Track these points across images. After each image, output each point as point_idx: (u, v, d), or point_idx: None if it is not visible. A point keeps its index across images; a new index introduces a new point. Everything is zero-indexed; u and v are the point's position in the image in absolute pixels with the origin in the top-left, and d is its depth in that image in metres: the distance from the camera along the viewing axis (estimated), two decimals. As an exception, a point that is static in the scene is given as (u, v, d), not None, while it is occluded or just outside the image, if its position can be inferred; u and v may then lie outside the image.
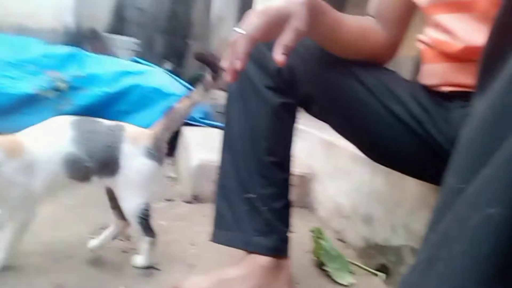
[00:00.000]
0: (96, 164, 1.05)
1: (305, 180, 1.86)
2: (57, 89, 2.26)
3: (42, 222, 1.36)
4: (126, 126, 1.13)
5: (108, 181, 1.10)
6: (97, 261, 1.19)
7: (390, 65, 1.12)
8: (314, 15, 0.86)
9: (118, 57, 3.06)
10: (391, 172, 1.14)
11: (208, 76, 1.23)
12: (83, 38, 3.55)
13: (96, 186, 1.12)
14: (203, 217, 1.57)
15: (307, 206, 1.87)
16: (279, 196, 1.09)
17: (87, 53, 2.68)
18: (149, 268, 1.17)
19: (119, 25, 5.05)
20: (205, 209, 1.63)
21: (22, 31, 3.06)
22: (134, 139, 1.10)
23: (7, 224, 1.04)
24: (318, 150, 1.85)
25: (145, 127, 2.49)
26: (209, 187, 1.67)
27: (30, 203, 1.04)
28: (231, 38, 0.82)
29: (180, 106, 1.20)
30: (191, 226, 1.52)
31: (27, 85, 2.35)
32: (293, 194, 1.80)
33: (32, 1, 3.10)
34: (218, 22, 5.40)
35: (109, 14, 4.54)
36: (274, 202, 1.08)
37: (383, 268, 1.29)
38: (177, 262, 1.23)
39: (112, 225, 1.22)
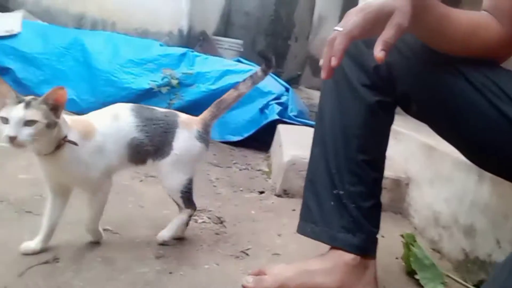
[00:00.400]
0: (153, 148, 1.16)
1: (400, 184, 1.77)
2: (169, 85, 2.53)
3: (149, 201, 1.55)
4: (179, 113, 1.24)
5: (159, 163, 1.19)
6: (193, 239, 1.31)
7: (509, 64, 1.02)
8: (418, 10, 0.83)
9: (223, 57, 3.28)
10: (499, 181, 1.03)
11: (259, 70, 1.30)
12: (195, 40, 3.89)
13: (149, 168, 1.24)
14: (291, 211, 1.61)
15: (401, 212, 1.78)
16: (368, 195, 1.07)
17: (197, 53, 2.92)
18: (241, 252, 1.25)
19: (226, 28, 5.38)
20: (293, 203, 1.67)
21: (144, 34, 3.48)
22: (187, 124, 1.21)
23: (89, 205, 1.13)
24: (416, 153, 1.74)
25: (244, 122, 2.64)
26: (299, 183, 1.71)
27: (108, 179, 1.15)
28: (330, 36, 0.83)
29: (228, 97, 1.30)
30: (279, 217, 1.57)
31: (145, 81, 2.67)
32: (386, 198, 1.75)
33: (153, 8, 3.50)
34: (320, 23, 5.40)
35: (218, 18, 4.88)
36: (362, 201, 1.06)
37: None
38: (263, 250, 1.29)
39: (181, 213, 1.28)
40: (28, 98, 0.97)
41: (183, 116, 1.24)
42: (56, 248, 1.12)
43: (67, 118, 1.06)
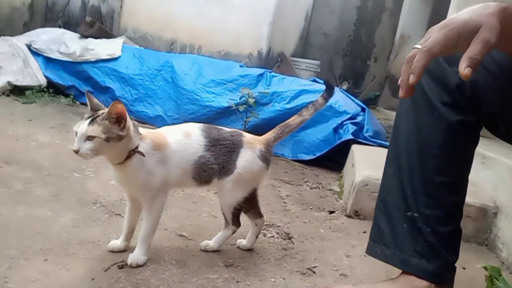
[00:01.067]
0: (218, 166, 1.19)
1: (487, 213, 1.61)
2: (247, 104, 2.64)
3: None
4: (244, 133, 1.27)
5: (222, 181, 1.21)
6: (262, 252, 1.34)
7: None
8: (507, 25, 0.78)
9: (300, 78, 3.34)
10: None
11: (320, 98, 1.33)
12: (273, 61, 4.02)
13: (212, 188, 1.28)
14: (362, 233, 1.56)
15: (487, 243, 1.62)
16: (446, 220, 1.01)
17: (274, 74, 3.02)
18: (308, 269, 1.25)
19: (304, 49, 5.47)
20: (364, 225, 1.62)
21: (226, 56, 3.71)
22: (251, 144, 1.23)
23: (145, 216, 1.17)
24: (507, 180, 1.58)
25: (317, 141, 2.63)
26: (370, 204, 1.65)
27: (164, 193, 1.19)
28: (409, 54, 0.82)
29: (292, 121, 1.32)
30: (348, 238, 1.53)
31: (225, 100, 2.82)
32: (470, 227, 1.61)
33: (235, 32, 3.72)
34: (402, 42, 5.21)
35: (296, 40, 4.99)
36: (440, 226, 1.00)
37: None
38: (330, 269, 1.27)
39: (251, 227, 1.33)
40: (98, 113, 1.06)
41: (247, 136, 1.26)
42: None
43: (143, 130, 1.15)
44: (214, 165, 1.19)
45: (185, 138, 1.18)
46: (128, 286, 1.04)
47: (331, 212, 1.81)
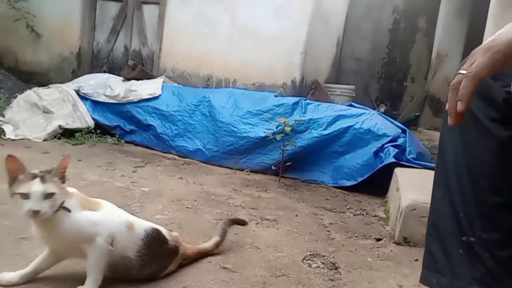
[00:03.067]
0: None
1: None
2: (283, 132, 2.65)
3: (264, 243, 1.60)
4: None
5: None
6: (308, 284, 1.30)
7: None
8: None
9: (336, 103, 3.33)
10: None
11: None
12: (307, 89, 4.05)
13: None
14: (413, 261, 1.48)
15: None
16: (506, 243, 0.93)
17: (309, 101, 3.03)
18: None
19: (337, 75, 5.47)
20: (415, 252, 1.54)
21: (260, 87, 3.78)
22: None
23: None
24: None
25: (358, 166, 2.57)
26: (420, 230, 1.57)
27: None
28: (453, 80, 0.79)
29: None
30: (399, 267, 1.45)
31: (261, 130, 2.85)
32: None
33: (268, 64, 3.81)
34: (440, 61, 5.08)
35: (329, 67, 5.02)
36: (500, 250, 0.92)
37: None
38: (383, 300, 1.21)
39: None
40: (38, 172, 1.04)
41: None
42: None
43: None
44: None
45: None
46: (175, 321, 1.03)
47: (378, 240, 1.73)
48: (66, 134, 3.09)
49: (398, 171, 2.29)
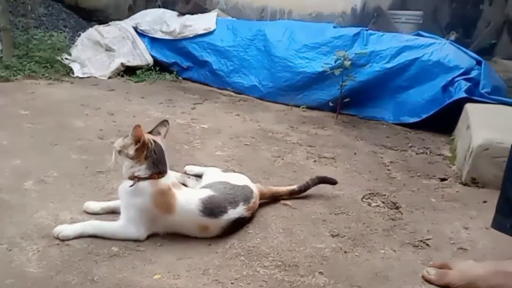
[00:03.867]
0: None
1: None
2: (342, 67, 2.52)
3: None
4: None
5: None
6: (368, 222, 1.31)
7: None
8: None
9: (401, 33, 3.05)
10: None
11: None
12: (369, 17, 3.74)
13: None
14: (482, 203, 1.42)
15: None
16: None
17: (372, 31, 2.81)
18: (420, 241, 1.19)
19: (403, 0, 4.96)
20: (484, 194, 1.47)
21: (318, 17, 3.55)
22: None
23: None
24: None
25: (423, 101, 2.41)
26: (492, 171, 1.48)
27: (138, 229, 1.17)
28: None
29: None
30: (465, 209, 1.41)
31: (319, 64, 2.73)
32: None
33: (326, -10, 3.53)
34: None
35: (393, -10, 4.56)
36: None
37: None
38: (446, 242, 1.19)
39: None
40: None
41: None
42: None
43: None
44: None
45: None
46: (241, 252, 1.11)
47: (443, 180, 1.67)
48: (128, 71, 3.20)
49: (469, 107, 2.12)
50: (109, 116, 2.20)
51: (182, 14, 3.38)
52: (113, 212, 1.23)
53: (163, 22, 3.33)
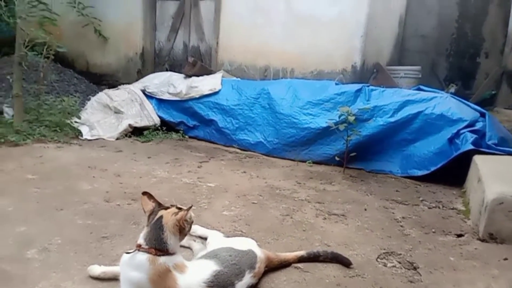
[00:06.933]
0: None
1: None
2: (346, 122, 2.55)
3: (334, 240, 1.56)
4: None
5: None
6: (385, 286, 1.24)
7: None
8: None
9: (401, 87, 3.12)
10: None
11: None
12: (369, 73, 3.85)
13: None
14: (502, 260, 1.34)
15: None
16: None
17: (373, 87, 2.88)
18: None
19: (400, 55, 5.15)
20: (504, 250, 1.40)
21: (319, 75, 3.67)
22: None
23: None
24: None
25: (430, 154, 2.40)
26: (509, 225, 1.43)
27: None
28: None
29: None
30: (486, 267, 1.33)
31: (323, 120, 2.77)
32: None
33: (326, 50, 3.68)
34: (519, 33, 4.56)
35: (391, 47, 4.73)
36: None
37: None
38: (470, 306, 1.11)
39: None
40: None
41: None
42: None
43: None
44: None
45: None
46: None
47: (460, 236, 1.61)
48: (135, 132, 3.26)
49: (477, 158, 2.10)
50: (116, 177, 2.20)
51: (188, 76, 3.52)
52: (115, 279, 1.18)
53: (170, 84, 3.45)
